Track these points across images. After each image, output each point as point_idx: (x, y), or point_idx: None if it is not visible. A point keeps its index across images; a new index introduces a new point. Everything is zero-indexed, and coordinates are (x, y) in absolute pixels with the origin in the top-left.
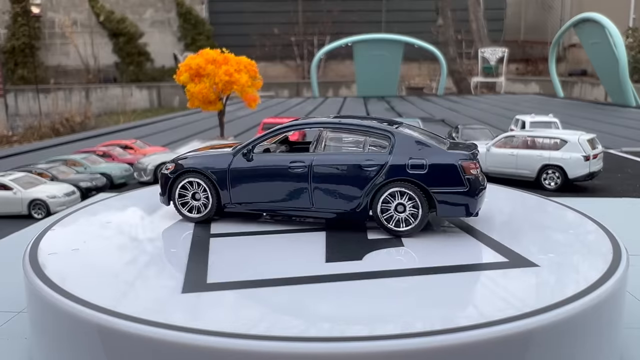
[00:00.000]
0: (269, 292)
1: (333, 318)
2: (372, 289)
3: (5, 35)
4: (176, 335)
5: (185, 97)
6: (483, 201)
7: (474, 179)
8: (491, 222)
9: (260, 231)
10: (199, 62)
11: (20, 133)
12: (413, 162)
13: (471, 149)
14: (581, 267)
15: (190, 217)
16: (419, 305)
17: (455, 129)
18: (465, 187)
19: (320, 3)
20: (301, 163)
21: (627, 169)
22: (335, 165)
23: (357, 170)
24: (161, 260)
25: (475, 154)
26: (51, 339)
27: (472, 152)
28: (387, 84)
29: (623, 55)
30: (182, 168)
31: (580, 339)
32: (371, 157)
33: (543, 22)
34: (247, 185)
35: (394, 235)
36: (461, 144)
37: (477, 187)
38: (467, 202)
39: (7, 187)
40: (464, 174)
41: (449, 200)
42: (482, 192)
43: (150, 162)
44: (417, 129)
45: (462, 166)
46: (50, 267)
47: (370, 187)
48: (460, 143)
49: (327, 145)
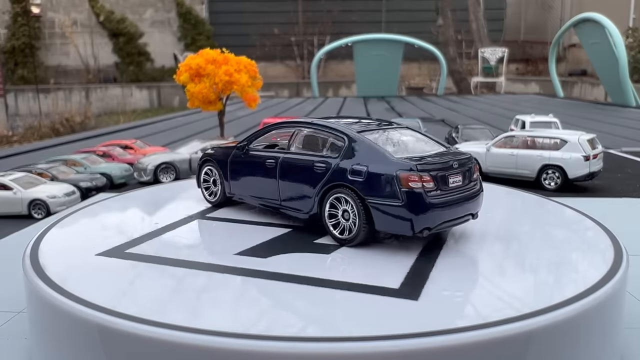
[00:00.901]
0: (160, 269)
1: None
2: (235, 286)
3: (5, 35)
4: (175, 335)
5: (185, 97)
6: (450, 219)
7: (414, 193)
8: (491, 222)
9: (245, 220)
10: (199, 62)
11: (20, 133)
12: (354, 168)
13: (434, 160)
14: (582, 267)
15: (208, 201)
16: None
17: (455, 129)
18: (400, 200)
19: (320, 3)
20: (272, 160)
21: (627, 169)
22: (294, 164)
23: (310, 172)
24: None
25: (432, 166)
26: (51, 339)
27: (419, 162)
28: (387, 84)
29: (623, 55)
30: (204, 157)
31: (580, 339)
32: (324, 159)
33: (543, 22)
34: (239, 177)
35: (337, 242)
36: (448, 154)
37: (419, 202)
38: (407, 218)
39: (7, 187)
40: (400, 186)
41: (386, 212)
42: (433, 209)
43: (150, 162)
44: (410, 132)
45: (398, 177)
46: (50, 267)
47: (318, 189)
48: (448, 153)
49: (296, 145)
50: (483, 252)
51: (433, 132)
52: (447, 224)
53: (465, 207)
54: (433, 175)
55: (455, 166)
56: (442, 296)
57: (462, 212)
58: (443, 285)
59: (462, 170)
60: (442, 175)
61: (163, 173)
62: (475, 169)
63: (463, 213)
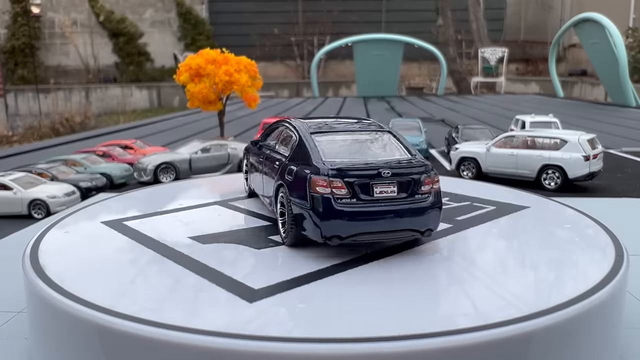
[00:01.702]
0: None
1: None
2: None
3: (5, 35)
4: (174, 335)
5: (185, 97)
6: (371, 232)
7: (321, 198)
8: (491, 221)
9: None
10: (199, 62)
11: (20, 133)
12: (289, 167)
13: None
14: (583, 267)
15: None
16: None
17: (455, 129)
18: (308, 204)
19: (320, 3)
20: (262, 158)
21: (627, 169)
22: (268, 162)
23: (273, 169)
24: (161, 259)
25: (345, 172)
26: (50, 339)
27: (336, 167)
28: (387, 84)
29: (623, 55)
30: (245, 150)
31: (581, 339)
32: (281, 157)
33: (543, 22)
34: (251, 171)
35: (282, 240)
36: (394, 163)
37: (326, 208)
38: (316, 223)
39: (7, 187)
40: (309, 189)
41: (302, 215)
42: (344, 218)
43: (150, 162)
44: (384, 137)
45: (310, 181)
46: (50, 267)
47: (274, 186)
48: (393, 163)
49: (278, 143)
50: (483, 252)
51: (433, 132)
52: (370, 236)
53: (398, 221)
54: (349, 182)
55: (385, 175)
56: (443, 295)
57: (392, 226)
58: (442, 285)
59: (398, 181)
60: (363, 183)
61: (163, 173)
62: (428, 183)
63: (393, 227)
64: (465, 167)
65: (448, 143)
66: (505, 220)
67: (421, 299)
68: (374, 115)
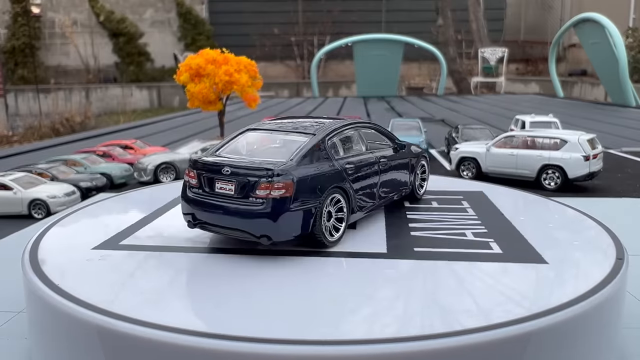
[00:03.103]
0: (158, 266)
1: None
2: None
3: (5, 35)
4: (174, 337)
5: (185, 97)
6: (213, 224)
7: (185, 183)
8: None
9: None
10: (199, 62)
11: (20, 133)
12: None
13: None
14: (583, 267)
15: None
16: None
17: (455, 129)
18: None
19: (320, 3)
20: None
21: (627, 169)
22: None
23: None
24: (161, 259)
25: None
26: (50, 339)
27: (199, 159)
28: (387, 84)
29: (623, 55)
30: None
31: (580, 339)
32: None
33: (543, 22)
34: None
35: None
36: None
37: (183, 192)
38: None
39: (7, 187)
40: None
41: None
42: (189, 204)
43: (150, 162)
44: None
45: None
46: (50, 267)
47: None
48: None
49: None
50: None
51: (433, 132)
52: (213, 228)
53: (232, 219)
54: (199, 173)
55: (225, 173)
56: (444, 295)
57: (228, 223)
58: (443, 284)
59: (237, 181)
60: (208, 177)
61: (163, 173)
62: (264, 188)
63: (229, 225)
64: (465, 167)
65: (448, 143)
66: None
67: (421, 299)
68: (373, 115)
